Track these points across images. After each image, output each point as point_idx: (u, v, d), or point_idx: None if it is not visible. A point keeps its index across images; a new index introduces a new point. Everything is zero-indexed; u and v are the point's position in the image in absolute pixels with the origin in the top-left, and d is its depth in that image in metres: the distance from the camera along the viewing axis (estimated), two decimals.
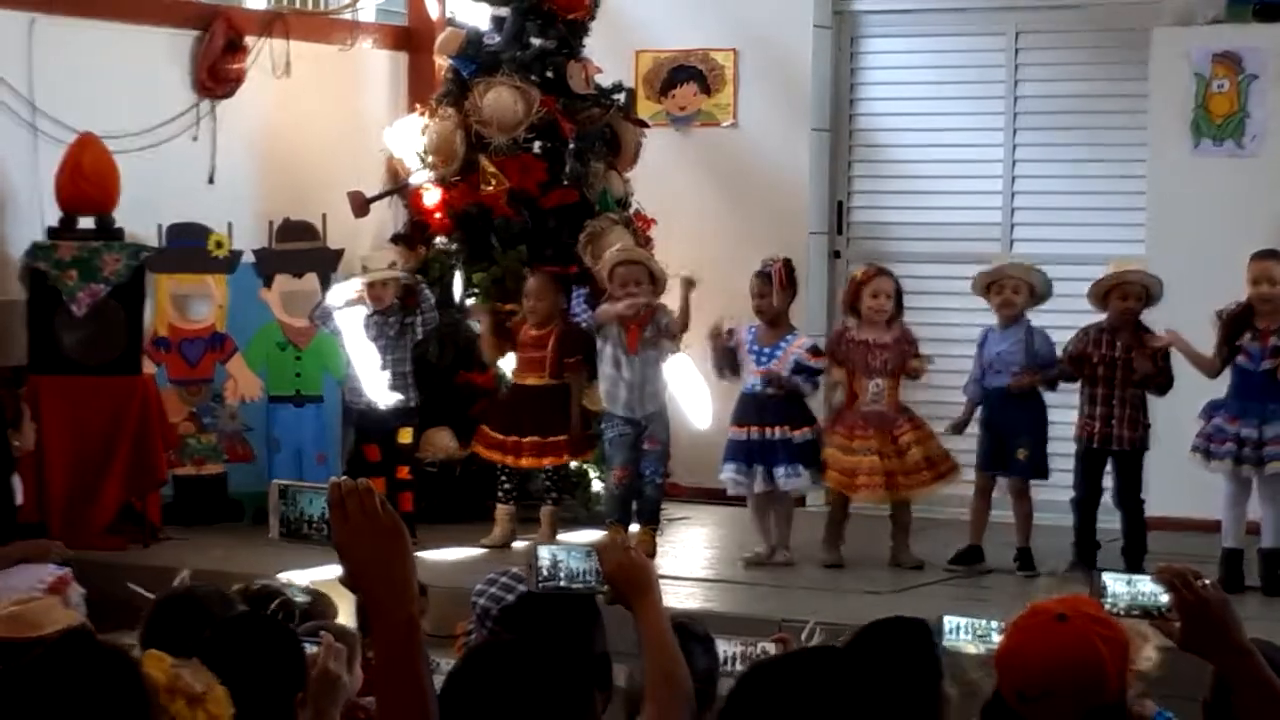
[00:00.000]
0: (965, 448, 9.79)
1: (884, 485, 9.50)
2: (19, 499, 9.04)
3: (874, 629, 4.50)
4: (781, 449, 9.59)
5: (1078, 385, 9.44)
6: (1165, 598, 3.56)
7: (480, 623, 5.63)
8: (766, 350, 9.69)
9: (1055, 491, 9.70)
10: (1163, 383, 9.31)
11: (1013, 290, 9.56)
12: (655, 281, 9.83)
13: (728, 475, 9.68)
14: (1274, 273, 9.05)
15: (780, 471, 9.56)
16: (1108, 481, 9.46)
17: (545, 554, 3.84)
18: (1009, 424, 9.51)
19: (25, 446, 9.09)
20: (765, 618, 7.98)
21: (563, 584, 3.85)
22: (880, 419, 9.56)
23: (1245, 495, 9.13)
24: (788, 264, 9.79)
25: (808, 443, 9.62)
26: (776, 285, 9.68)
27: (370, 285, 10.19)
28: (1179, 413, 9.43)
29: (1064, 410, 9.72)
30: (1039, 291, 9.60)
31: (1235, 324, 9.06)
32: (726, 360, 9.77)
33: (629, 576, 3.80)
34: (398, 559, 3.04)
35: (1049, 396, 9.62)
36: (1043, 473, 9.56)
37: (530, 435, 10.14)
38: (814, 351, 9.75)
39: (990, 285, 9.63)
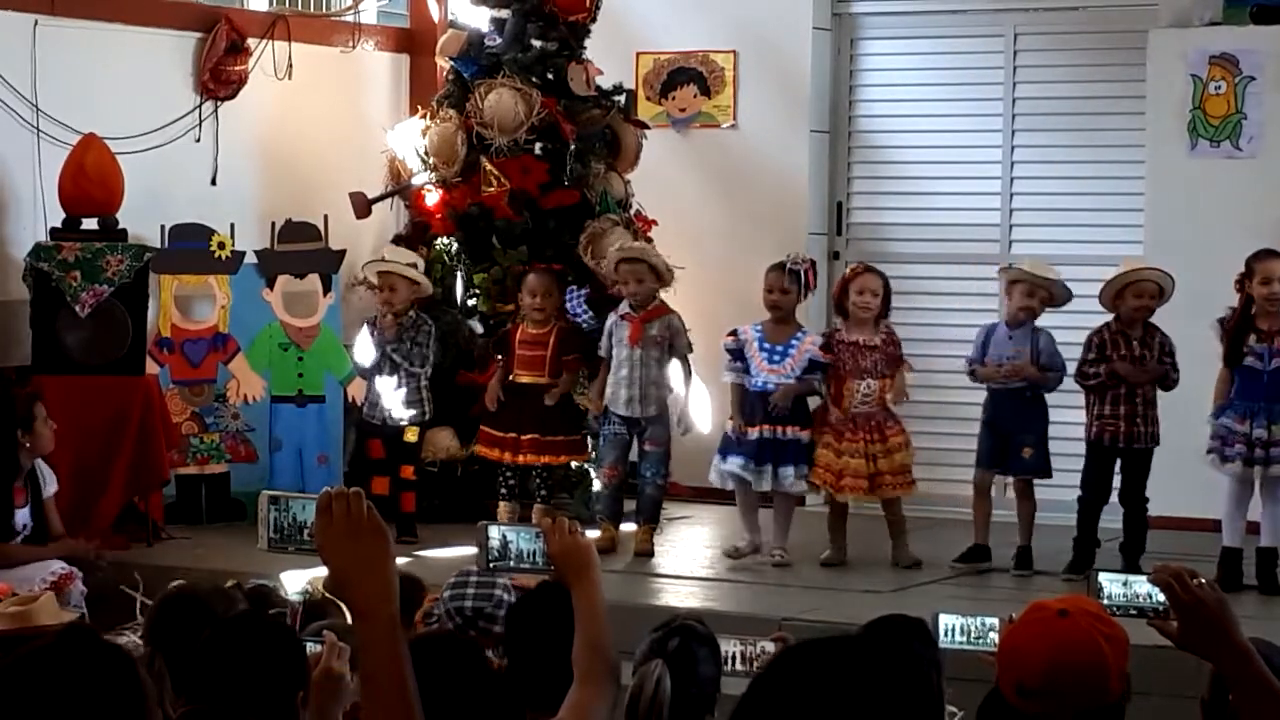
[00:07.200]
0: (966, 446, 9.83)
1: (867, 486, 9.51)
2: (53, 488, 9.17)
3: (877, 625, 4.55)
4: (791, 449, 9.58)
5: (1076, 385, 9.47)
6: (1163, 597, 3.57)
7: (468, 625, 5.64)
8: (779, 349, 9.64)
9: (1059, 491, 9.71)
10: (1175, 377, 9.32)
11: (1040, 300, 9.55)
12: (659, 277, 9.87)
13: (732, 468, 9.57)
14: None
15: (789, 472, 9.55)
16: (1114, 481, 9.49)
17: (495, 534, 3.93)
18: (1013, 422, 9.52)
19: (42, 448, 9.10)
20: (765, 617, 8.03)
21: (511, 564, 3.95)
22: (869, 420, 9.58)
23: (1248, 495, 9.16)
24: (814, 265, 9.84)
25: (811, 443, 9.63)
26: (803, 287, 9.70)
27: (386, 285, 10.23)
28: (1182, 413, 9.45)
29: (1065, 410, 9.74)
30: (1057, 300, 9.62)
31: (1238, 330, 9.08)
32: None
33: (571, 557, 3.92)
34: (379, 559, 3.06)
35: (1050, 396, 9.62)
36: (1047, 472, 9.55)
37: (530, 433, 10.19)
38: (825, 348, 9.71)
39: (1013, 284, 9.58)
